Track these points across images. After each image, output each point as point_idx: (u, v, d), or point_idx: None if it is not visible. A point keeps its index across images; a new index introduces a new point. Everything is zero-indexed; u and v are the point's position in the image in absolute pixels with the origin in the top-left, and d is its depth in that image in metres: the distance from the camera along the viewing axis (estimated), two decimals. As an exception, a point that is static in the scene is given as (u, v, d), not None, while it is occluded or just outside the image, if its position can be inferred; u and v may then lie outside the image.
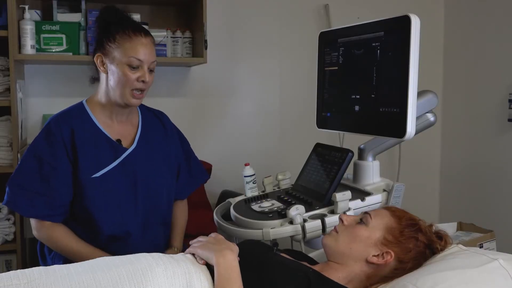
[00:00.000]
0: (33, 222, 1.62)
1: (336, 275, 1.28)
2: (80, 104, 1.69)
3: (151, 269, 1.15)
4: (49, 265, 1.54)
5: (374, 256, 1.28)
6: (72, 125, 1.62)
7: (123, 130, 1.69)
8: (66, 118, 1.64)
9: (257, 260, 1.25)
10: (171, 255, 1.26)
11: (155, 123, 1.79)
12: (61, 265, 1.21)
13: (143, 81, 1.59)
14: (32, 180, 1.57)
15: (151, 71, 1.62)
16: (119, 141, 1.66)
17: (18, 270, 1.18)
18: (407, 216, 1.35)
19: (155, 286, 1.12)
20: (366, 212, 1.37)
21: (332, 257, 1.33)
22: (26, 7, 2.36)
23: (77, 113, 1.66)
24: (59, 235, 1.60)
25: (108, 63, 1.59)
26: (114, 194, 1.61)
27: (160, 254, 1.25)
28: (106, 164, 1.62)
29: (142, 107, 1.79)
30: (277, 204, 1.80)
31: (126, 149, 1.66)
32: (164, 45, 2.64)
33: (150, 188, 1.67)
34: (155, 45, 1.66)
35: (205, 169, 1.98)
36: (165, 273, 1.15)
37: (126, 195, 1.63)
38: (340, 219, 1.38)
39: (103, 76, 1.63)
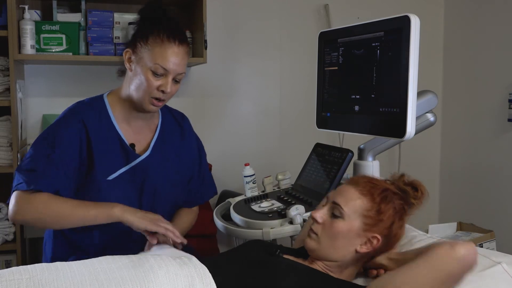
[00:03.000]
0: (12, 199, 1.46)
1: (327, 269, 1.28)
2: (100, 98, 1.60)
3: (153, 271, 1.15)
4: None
5: (362, 245, 1.26)
6: (89, 119, 1.54)
7: (139, 133, 1.61)
8: (85, 110, 1.56)
9: (259, 258, 1.26)
10: (175, 258, 1.25)
11: (174, 129, 1.70)
12: (63, 262, 1.21)
13: (163, 91, 1.49)
14: (42, 164, 1.47)
15: (176, 81, 1.52)
16: (132, 145, 1.59)
17: (20, 266, 1.18)
18: (377, 189, 1.28)
19: (156, 287, 1.12)
20: (334, 202, 1.28)
21: (319, 258, 1.30)
22: (26, 7, 2.36)
23: (96, 107, 1.57)
24: (41, 200, 1.44)
25: (135, 62, 1.51)
26: (121, 200, 1.52)
27: (163, 256, 1.24)
28: (117, 168, 1.55)
29: (164, 108, 1.71)
30: (277, 204, 1.80)
31: (138, 156, 1.58)
32: (164, 45, 2.64)
33: (155, 199, 1.61)
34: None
35: (214, 184, 1.86)
36: (167, 275, 1.15)
37: (131, 202, 1.55)
38: (314, 218, 1.30)
39: (128, 72, 1.55)
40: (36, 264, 1.19)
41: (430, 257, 1.13)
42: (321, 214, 1.29)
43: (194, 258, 1.25)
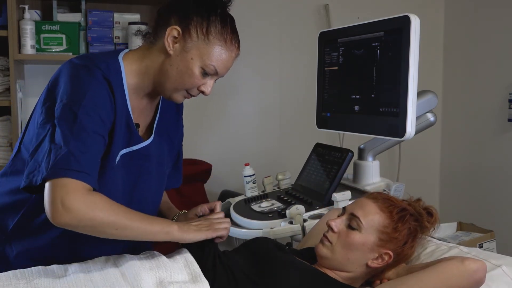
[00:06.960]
0: (60, 191, 1.08)
1: (336, 277, 1.29)
2: (115, 58, 1.28)
3: (145, 271, 1.17)
4: (13, 268, 1.21)
5: (374, 260, 1.27)
6: (112, 84, 1.23)
7: (143, 112, 1.35)
8: (109, 73, 1.23)
9: (266, 256, 1.27)
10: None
11: (171, 107, 1.45)
12: (60, 265, 1.21)
13: (202, 92, 1.29)
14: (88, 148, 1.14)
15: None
16: (137, 125, 1.33)
17: (17, 270, 1.18)
18: (396, 208, 1.29)
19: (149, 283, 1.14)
20: (352, 214, 1.29)
21: (330, 266, 1.30)
22: (26, 7, 2.36)
23: (113, 69, 1.25)
24: (104, 203, 1.13)
25: (182, 47, 1.24)
26: (118, 190, 1.29)
27: (151, 258, 1.24)
28: (118, 150, 1.26)
29: None
30: (277, 204, 1.80)
31: (141, 140, 1.32)
32: (164, 45, 2.64)
33: (148, 191, 1.39)
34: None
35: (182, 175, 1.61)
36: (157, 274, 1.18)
37: (122, 193, 1.30)
38: (329, 226, 1.30)
39: (162, 50, 1.26)
40: (33, 268, 1.19)
41: (440, 269, 1.15)
42: (337, 223, 1.30)
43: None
